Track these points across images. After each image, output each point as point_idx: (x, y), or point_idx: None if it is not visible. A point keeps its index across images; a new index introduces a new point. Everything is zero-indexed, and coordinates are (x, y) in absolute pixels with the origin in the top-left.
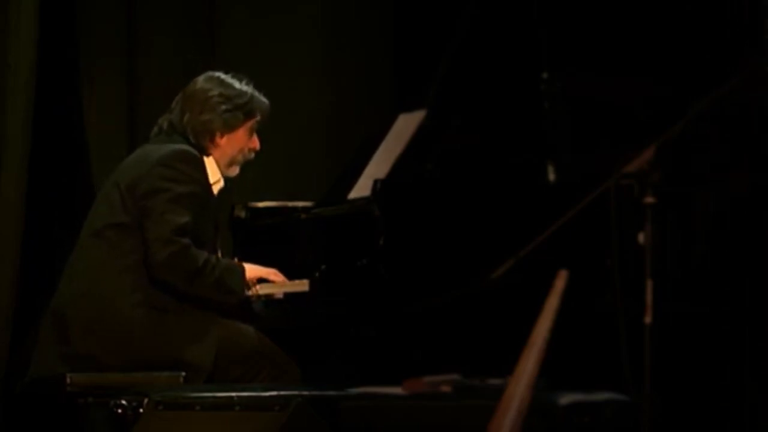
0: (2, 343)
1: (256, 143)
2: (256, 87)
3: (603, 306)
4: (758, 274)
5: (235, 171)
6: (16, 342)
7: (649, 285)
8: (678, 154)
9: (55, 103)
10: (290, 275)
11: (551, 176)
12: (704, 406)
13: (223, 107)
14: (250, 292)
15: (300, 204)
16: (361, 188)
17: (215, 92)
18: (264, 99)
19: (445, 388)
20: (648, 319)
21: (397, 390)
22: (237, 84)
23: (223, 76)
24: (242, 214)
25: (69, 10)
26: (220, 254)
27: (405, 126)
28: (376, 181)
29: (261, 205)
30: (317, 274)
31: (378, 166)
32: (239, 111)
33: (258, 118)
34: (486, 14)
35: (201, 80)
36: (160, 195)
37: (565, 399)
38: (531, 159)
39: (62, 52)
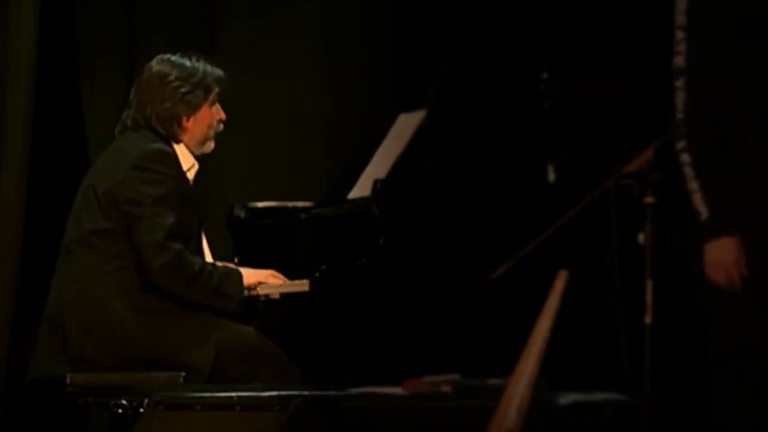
0: (2, 343)
1: (221, 113)
2: (257, 87)
3: (603, 306)
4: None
5: (210, 147)
6: (16, 342)
7: (649, 285)
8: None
9: (55, 103)
10: (290, 275)
11: (551, 176)
12: (704, 406)
13: (182, 90)
14: (252, 293)
15: (300, 204)
16: (361, 188)
17: (171, 77)
18: (217, 69)
19: (445, 388)
20: (648, 319)
21: (397, 390)
22: (188, 62)
23: (172, 58)
24: (242, 214)
25: (69, 10)
26: (205, 243)
27: (405, 126)
28: (376, 181)
29: (261, 205)
30: (317, 274)
31: (378, 166)
32: (198, 89)
33: (217, 89)
34: (486, 14)
35: (153, 66)
36: (143, 200)
37: (565, 399)
38: (531, 159)
39: (62, 52)
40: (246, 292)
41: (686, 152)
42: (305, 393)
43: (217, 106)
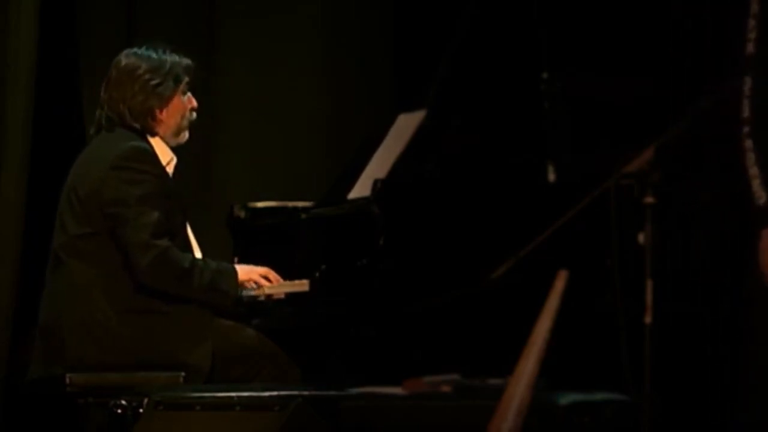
0: (2, 343)
1: (193, 102)
2: (256, 87)
3: (603, 306)
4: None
5: (185, 137)
6: (16, 342)
7: (649, 285)
8: (678, 154)
9: (55, 103)
10: (290, 275)
11: (551, 176)
12: (704, 406)
13: (153, 83)
14: (252, 293)
15: (300, 204)
16: (361, 188)
17: (141, 70)
18: (185, 58)
19: (445, 388)
20: (648, 319)
21: (397, 390)
22: (155, 54)
23: (139, 50)
24: (242, 214)
25: (69, 10)
26: (192, 237)
27: (405, 126)
28: (376, 181)
29: (261, 205)
30: (317, 274)
31: (378, 166)
32: (168, 81)
33: (186, 79)
34: (486, 14)
35: (121, 61)
36: (126, 200)
37: (565, 399)
38: (531, 159)
39: (62, 52)
40: (247, 293)
41: (750, 138)
42: (305, 393)
43: (189, 95)
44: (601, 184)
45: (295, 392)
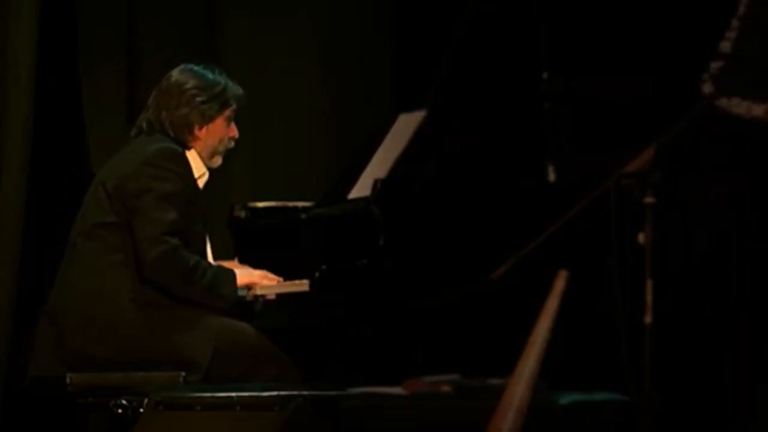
0: (2, 343)
1: (234, 132)
2: (257, 87)
3: (603, 306)
4: (758, 273)
5: (217, 162)
6: (16, 342)
7: (649, 285)
8: (678, 154)
9: (55, 103)
10: (290, 275)
11: (551, 176)
12: (704, 406)
13: (198, 99)
14: (248, 293)
15: (300, 204)
16: (361, 188)
17: (189, 85)
18: (238, 87)
19: (445, 388)
20: (648, 319)
21: (397, 390)
22: (210, 74)
23: (195, 67)
24: (242, 214)
25: (69, 10)
26: (209, 248)
27: (405, 126)
28: (376, 181)
29: (261, 205)
30: (317, 274)
31: (378, 166)
32: (215, 102)
33: (234, 106)
34: (486, 14)
35: (175, 74)
36: (147, 194)
37: (565, 399)
38: (531, 159)
39: (62, 52)
40: (245, 292)
41: None
42: (305, 393)
43: (233, 125)
44: (601, 184)
45: (295, 392)
